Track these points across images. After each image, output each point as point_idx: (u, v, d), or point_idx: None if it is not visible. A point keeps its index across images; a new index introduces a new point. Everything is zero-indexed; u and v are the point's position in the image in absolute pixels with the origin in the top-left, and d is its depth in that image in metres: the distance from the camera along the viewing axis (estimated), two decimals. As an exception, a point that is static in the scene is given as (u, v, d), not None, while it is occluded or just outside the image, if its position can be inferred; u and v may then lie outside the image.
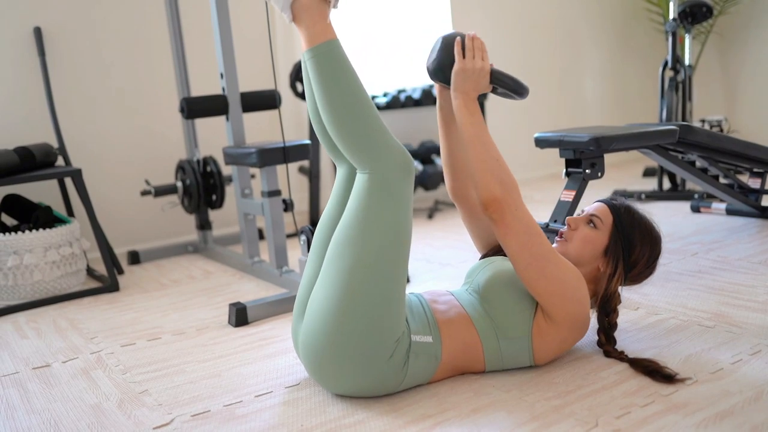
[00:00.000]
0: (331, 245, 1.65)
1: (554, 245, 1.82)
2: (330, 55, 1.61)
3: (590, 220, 1.81)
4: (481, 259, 1.97)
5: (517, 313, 1.68)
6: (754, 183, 3.24)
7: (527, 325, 1.68)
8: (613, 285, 1.78)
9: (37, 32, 3.34)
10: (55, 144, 3.31)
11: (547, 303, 1.66)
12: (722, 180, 3.34)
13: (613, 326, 1.80)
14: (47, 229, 2.82)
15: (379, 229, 1.59)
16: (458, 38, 1.75)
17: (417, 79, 4.76)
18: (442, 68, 1.79)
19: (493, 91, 1.84)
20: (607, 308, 1.78)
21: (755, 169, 3.21)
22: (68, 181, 3.37)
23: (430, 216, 4.03)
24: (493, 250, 1.98)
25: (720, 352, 1.78)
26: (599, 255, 1.79)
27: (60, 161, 3.33)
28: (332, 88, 1.60)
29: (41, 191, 3.36)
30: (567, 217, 1.85)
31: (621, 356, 1.73)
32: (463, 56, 1.73)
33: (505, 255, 1.90)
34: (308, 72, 1.65)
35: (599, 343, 1.81)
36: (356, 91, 1.60)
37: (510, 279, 1.73)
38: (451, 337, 1.68)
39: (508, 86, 1.77)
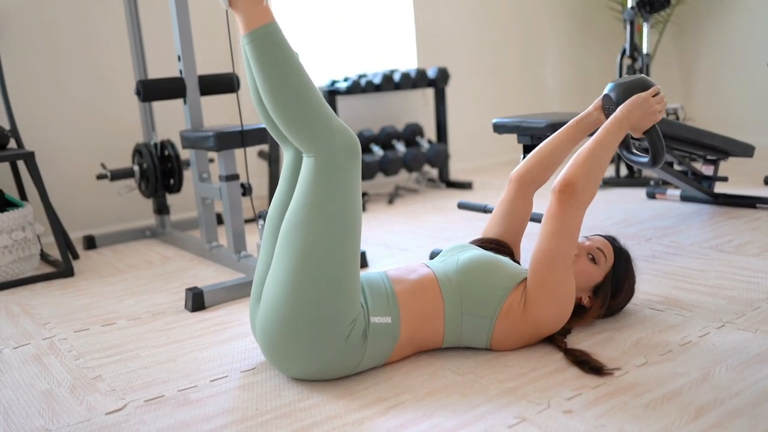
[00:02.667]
0: (282, 230, 1.64)
1: None
2: (268, 39, 1.59)
3: (592, 254, 1.85)
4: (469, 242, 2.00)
5: (489, 293, 1.70)
6: (708, 170, 3.30)
7: (495, 307, 1.70)
8: (585, 319, 1.85)
9: (-12, 11, 3.25)
10: (6, 126, 3.23)
11: (535, 293, 1.69)
12: (677, 167, 3.40)
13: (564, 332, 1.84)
14: (-2, 213, 2.76)
15: (327, 212, 1.59)
16: (658, 85, 1.96)
17: (378, 64, 4.75)
18: (624, 90, 1.93)
19: (624, 151, 2.04)
20: (563, 331, 1.82)
21: (708, 157, 3.27)
22: (21, 165, 3.29)
23: (391, 201, 4.04)
24: (492, 242, 2.00)
25: (670, 335, 1.82)
26: (588, 288, 1.84)
27: (12, 144, 3.25)
28: (272, 71, 1.58)
29: (-8, 174, 3.29)
30: None
31: (559, 345, 1.76)
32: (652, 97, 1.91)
33: (496, 253, 1.93)
34: (248, 57, 1.64)
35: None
36: (296, 73, 1.59)
37: (494, 264, 1.76)
38: (411, 311, 1.69)
39: (655, 143, 1.99)
